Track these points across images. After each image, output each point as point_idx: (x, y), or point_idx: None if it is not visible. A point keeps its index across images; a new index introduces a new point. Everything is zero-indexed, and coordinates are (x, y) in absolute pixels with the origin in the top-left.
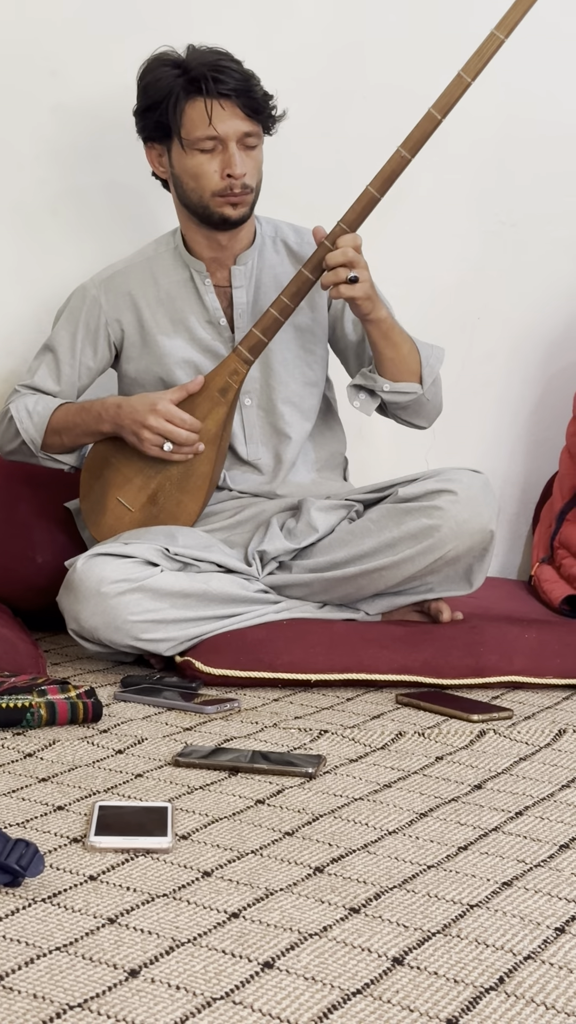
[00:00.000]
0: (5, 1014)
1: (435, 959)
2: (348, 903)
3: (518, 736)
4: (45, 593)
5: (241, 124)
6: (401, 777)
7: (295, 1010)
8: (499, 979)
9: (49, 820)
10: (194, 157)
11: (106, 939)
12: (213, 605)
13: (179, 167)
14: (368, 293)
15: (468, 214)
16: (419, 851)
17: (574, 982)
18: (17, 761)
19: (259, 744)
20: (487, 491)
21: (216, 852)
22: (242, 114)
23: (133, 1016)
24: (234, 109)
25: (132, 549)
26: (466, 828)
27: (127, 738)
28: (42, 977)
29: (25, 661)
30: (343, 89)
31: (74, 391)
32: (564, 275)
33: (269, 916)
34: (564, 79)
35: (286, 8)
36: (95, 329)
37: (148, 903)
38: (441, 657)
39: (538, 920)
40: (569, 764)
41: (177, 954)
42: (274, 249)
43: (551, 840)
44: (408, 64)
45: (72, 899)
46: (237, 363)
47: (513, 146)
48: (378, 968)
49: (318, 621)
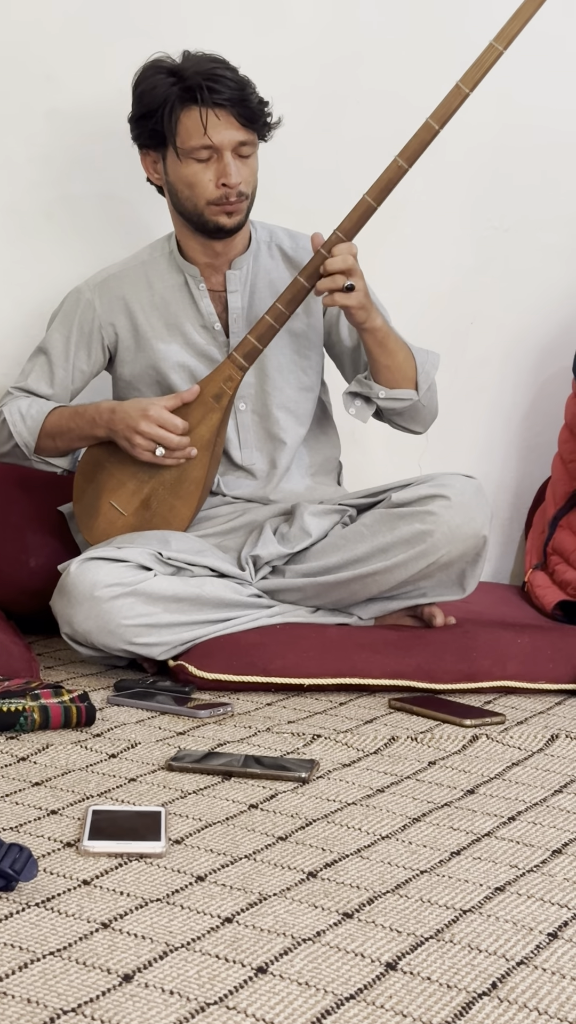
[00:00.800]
0: None
1: (428, 964)
2: (341, 908)
3: (511, 741)
4: (38, 596)
5: (236, 133)
6: (394, 782)
7: (289, 1015)
8: (492, 984)
9: (42, 824)
10: (189, 166)
11: (100, 944)
12: (206, 609)
13: (174, 175)
14: (363, 302)
15: (462, 220)
16: (412, 856)
17: (567, 987)
18: (10, 765)
19: (252, 748)
20: (480, 496)
21: (209, 857)
22: (237, 123)
23: (127, 1021)
24: (229, 118)
25: (125, 553)
26: (459, 833)
27: (120, 742)
28: (36, 982)
29: (18, 665)
30: (338, 94)
31: (67, 394)
32: (557, 280)
33: (263, 921)
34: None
35: (280, 13)
36: (89, 332)
37: (142, 908)
38: (434, 662)
39: (531, 925)
40: (561, 769)
41: (171, 959)
42: (269, 254)
43: (544, 845)
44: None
45: (66, 903)
46: (232, 369)
47: (507, 153)
48: (371, 973)
49: (311, 625)
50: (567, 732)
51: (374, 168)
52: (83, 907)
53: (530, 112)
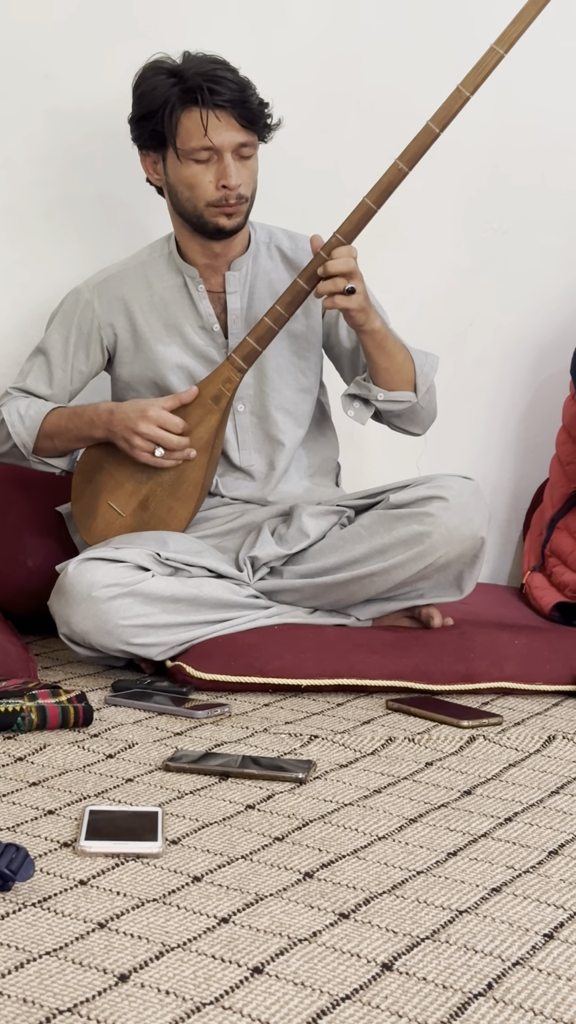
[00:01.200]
0: None
1: (424, 965)
2: (337, 908)
3: (508, 742)
4: (36, 597)
5: (237, 135)
6: (391, 783)
7: (284, 1015)
8: (488, 985)
9: (39, 824)
10: (189, 167)
11: (96, 944)
12: (204, 610)
13: (174, 176)
14: (362, 305)
15: (460, 222)
16: (408, 857)
17: (562, 988)
18: (8, 765)
19: (249, 749)
20: (478, 498)
21: (206, 857)
22: (238, 125)
23: (123, 1021)
24: (230, 120)
25: (123, 554)
26: (455, 834)
27: (117, 742)
28: (32, 981)
29: (16, 665)
30: (338, 94)
31: (66, 394)
32: (555, 282)
33: (259, 921)
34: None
35: (280, 13)
36: (88, 333)
37: (138, 908)
38: (431, 663)
39: (527, 926)
40: (558, 770)
41: (167, 959)
42: (268, 255)
43: (540, 846)
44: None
45: (62, 903)
46: (231, 371)
47: (506, 154)
48: (367, 974)
49: (309, 626)
50: (564, 733)
51: (374, 168)
52: (80, 907)
53: (529, 112)
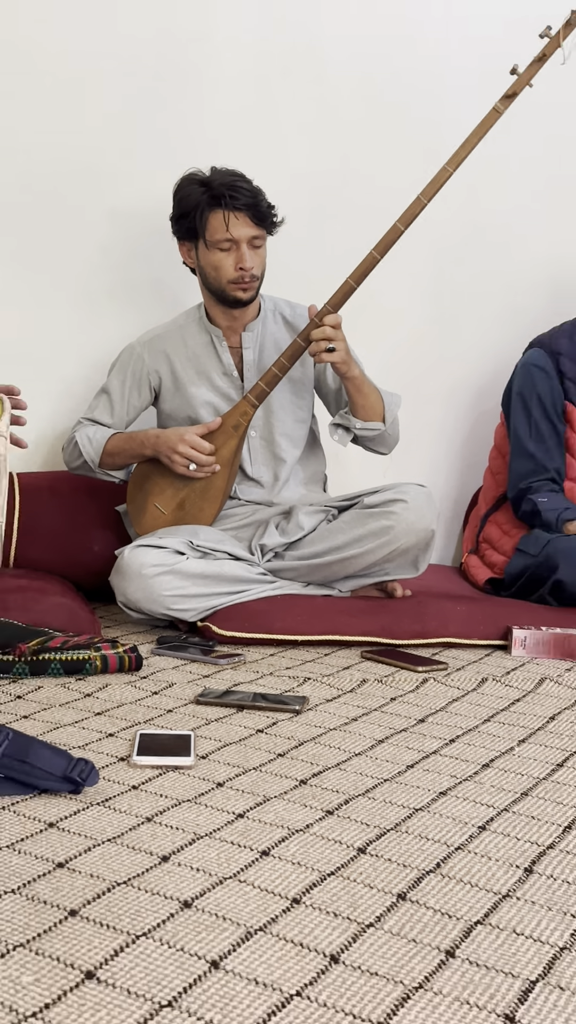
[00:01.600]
0: (69, 889)
1: (389, 849)
2: (325, 807)
3: (452, 683)
4: (100, 575)
5: (250, 230)
6: (364, 713)
7: (286, 887)
8: (436, 864)
9: (103, 743)
10: (215, 254)
11: (144, 833)
12: (225, 584)
13: (204, 261)
14: (344, 359)
15: (420, 296)
16: (378, 768)
17: (495, 869)
18: (79, 699)
19: (259, 688)
20: (430, 500)
21: (227, 768)
22: (251, 222)
23: (165, 889)
24: (245, 219)
25: (165, 541)
26: (412, 751)
27: (161, 683)
28: (96, 861)
29: (85, 625)
30: (329, 197)
31: (123, 423)
32: (492, 339)
33: (266, 816)
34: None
35: (283, 143)
36: (139, 378)
37: (176, 806)
38: (395, 623)
39: (467, 820)
40: (490, 704)
41: (197, 845)
42: (274, 320)
43: (476, 760)
44: (378, 183)
45: (119, 803)
46: (246, 406)
47: (455, 252)
48: (347, 855)
49: (304, 596)
50: (494, 676)
51: (355, 241)
52: (132, 806)
53: (480, 214)
